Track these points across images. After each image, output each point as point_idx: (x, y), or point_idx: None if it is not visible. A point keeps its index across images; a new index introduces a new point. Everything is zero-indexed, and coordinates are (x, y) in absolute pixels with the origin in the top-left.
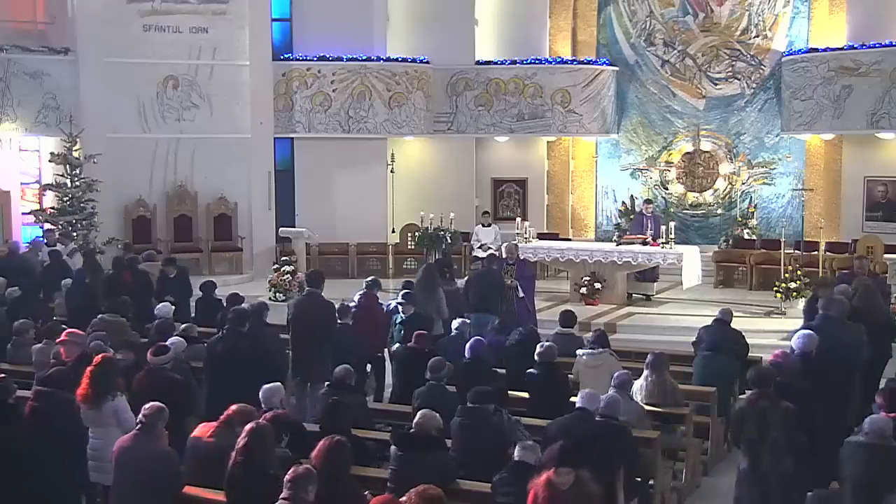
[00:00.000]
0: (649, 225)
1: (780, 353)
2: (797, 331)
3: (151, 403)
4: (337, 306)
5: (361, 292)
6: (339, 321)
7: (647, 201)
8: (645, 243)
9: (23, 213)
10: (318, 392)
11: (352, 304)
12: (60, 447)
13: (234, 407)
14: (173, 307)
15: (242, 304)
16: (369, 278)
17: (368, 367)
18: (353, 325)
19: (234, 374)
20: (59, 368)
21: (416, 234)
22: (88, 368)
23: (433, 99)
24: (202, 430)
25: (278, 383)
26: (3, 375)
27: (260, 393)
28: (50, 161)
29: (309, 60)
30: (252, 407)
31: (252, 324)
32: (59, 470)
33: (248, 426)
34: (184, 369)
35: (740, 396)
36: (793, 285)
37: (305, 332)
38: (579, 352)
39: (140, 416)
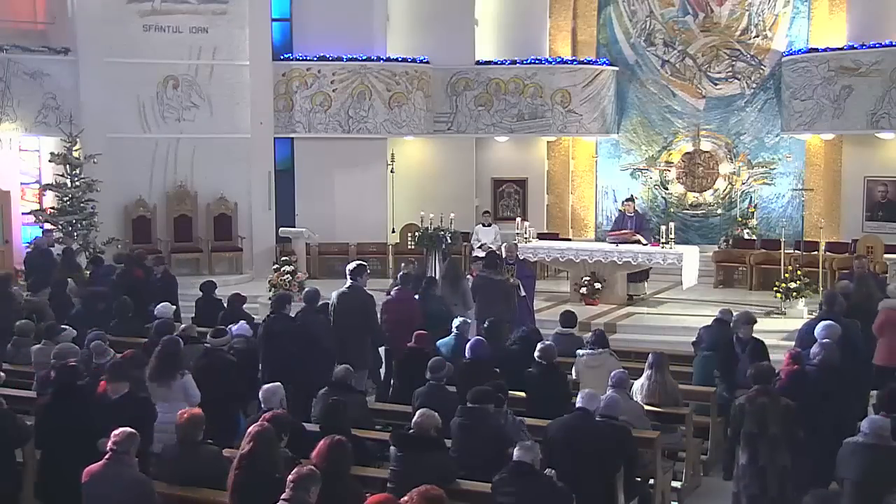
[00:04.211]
0: (629, 224)
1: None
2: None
3: (121, 430)
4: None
5: (396, 288)
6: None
7: (628, 200)
8: (636, 242)
9: (23, 213)
10: (357, 382)
11: (386, 299)
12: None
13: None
14: (174, 307)
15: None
16: (401, 273)
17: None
18: (386, 319)
19: (286, 355)
20: (136, 352)
21: (416, 234)
22: (158, 349)
23: (433, 99)
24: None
25: (278, 384)
26: (74, 361)
27: (260, 393)
28: (50, 161)
29: (309, 60)
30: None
31: (304, 310)
32: None
33: (252, 429)
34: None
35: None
36: (793, 285)
37: (347, 322)
38: (579, 352)
39: (110, 443)
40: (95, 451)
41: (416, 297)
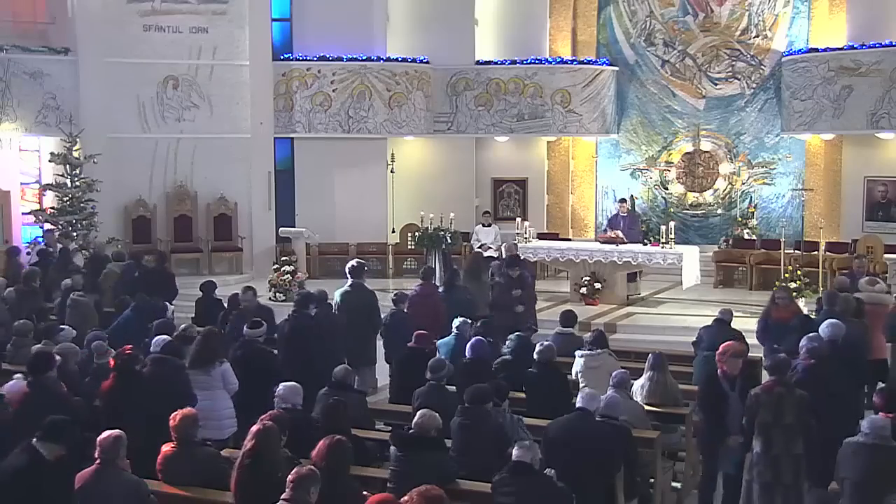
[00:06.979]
0: (621, 224)
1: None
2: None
3: (107, 434)
4: (395, 295)
5: (419, 283)
6: (394, 307)
7: (622, 200)
8: (620, 242)
9: (23, 213)
10: (364, 377)
11: (409, 293)
12: (172, 403)
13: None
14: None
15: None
16: (424, 268)
17: None
18: (409, 312)
19: (303, 350)
20: (171, 341)
21: (416, 234)
22: (198, 338)
23: (433, 99)
24: None
25: (298, 385)
26: (130, 347)
27: (278, 390)
28: (50, 161)
29: (309, 60)
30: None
31: (319, 307)
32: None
33: (253, 428)
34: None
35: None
36: (793, 285)
37: (352, 321)
38: (578, 352)
39: (97, 452)
40: (157, 430)
41: (441, 290)
